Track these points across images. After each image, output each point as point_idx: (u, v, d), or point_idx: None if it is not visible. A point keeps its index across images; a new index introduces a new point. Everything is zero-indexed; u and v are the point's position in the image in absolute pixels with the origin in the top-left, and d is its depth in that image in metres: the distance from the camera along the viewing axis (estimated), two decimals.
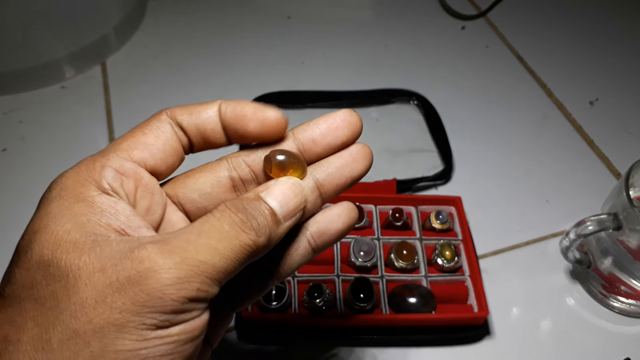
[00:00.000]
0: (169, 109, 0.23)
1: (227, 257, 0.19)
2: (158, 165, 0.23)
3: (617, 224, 0.39)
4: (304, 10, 0.72)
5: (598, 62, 0.66)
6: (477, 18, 0.71)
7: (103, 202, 0.20)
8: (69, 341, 0.17)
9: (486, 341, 0.43)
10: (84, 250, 0.18)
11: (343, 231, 0.25)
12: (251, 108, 0.23)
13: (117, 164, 0.21)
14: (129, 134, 0.22)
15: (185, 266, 0.18)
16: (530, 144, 0.57)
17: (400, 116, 0.59)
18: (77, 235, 0.19)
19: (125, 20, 0.65)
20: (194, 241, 0.19)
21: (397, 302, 0.42)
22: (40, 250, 0.18)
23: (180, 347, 0.19)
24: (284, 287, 0.41)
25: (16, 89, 0.60)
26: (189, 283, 0.18)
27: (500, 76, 0.64)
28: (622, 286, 0.42)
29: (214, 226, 0.20)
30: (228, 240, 0.20)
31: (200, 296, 0.19)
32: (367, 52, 0.66)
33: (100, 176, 0.21)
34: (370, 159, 0.25)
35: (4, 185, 0.52)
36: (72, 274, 0.18)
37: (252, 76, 0.63)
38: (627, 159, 0.45)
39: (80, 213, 0.19)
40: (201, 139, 0.23)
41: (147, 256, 0.18)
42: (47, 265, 0.18)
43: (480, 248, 0.48)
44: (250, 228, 0.20)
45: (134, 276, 0.18)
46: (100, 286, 0.18)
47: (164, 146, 0.22)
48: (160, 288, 0.18)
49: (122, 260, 0.18)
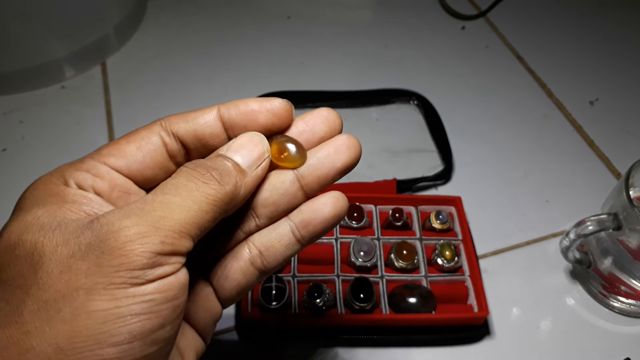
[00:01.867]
0: (164, 119, 0.23)
1: (190, 209, 0.19)
2: (133, 175, 0.22)
3: (617, 224, 0.39)
4: (304, 10, 0.72)
5: (598, 62, 0.66)
6: (477, 18, 0.71)
7: (74, 194, 0.21)
8: (39, 311, 0.17)
9: (486, 341, 0.43)
10: (49, 230, 0.19)
11: (329, 220, 0.24)
12: (255, 102, 0.23)
13: (89, 167, 0.22)
14: (114, 141, 0.23)
15: (144, 222, 0.18)
16: (530, 144, 0.57)
17: (400, 116, 0.59)
18: (45, 219, 0.19)
19: (125, 20, 0.65)
20: (151, 200, 0.19)
21: (397, 302, 0.42)
22: (8, 235, 0.19)
23: (156, 306, 0.18)
24: (284, 287, 0.41)
25: (16, 89, 0.60)
26: (150, 237, 0.18)
27: (500, 76, 0.64)
28: (622, 286, 0.42)
29: (172, 184, 0.20)
30: (187, 192, 0.20)
31: (166, 250, 0.18)
32: (367, 52, 0.66)
33: (69, 176, 0.21)
34: (356, 150, 0.24)
35: (4, 185, 0.52)
36: (37, 251, 0.18)
37: (252, 76, 0.63)
38: (627, 159, 0.45)
39: (51, 202, 0.20)
40: (199, 144, 0.23)
41: (105, 221, 0.18)
42: (14, 248, 0.18)
43: (480, 248, 0.48)
44: (210, 178, 0.21)
45: (94, 241, 0.18)
46: (64, 257, 0.18)
47: (143, 158, 0.22)
48: (120, 246, 0.18)
49: (84, 231, 0.18)
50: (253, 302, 0.42)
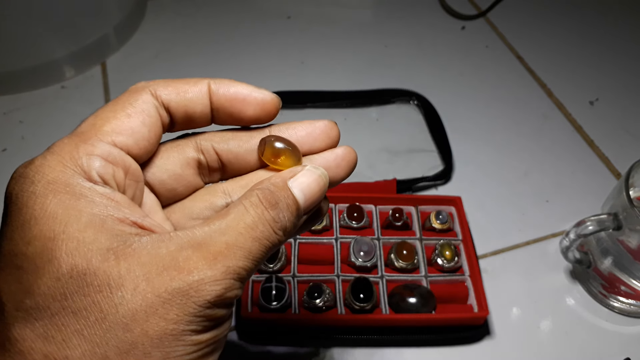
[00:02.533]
0: (151, 85, 0.22)
1: (258, 260, 0.20)
2: (141, 153, 0.21)
3: (617, 224, 0.39)
4: (304, 10, 0.72)
5: (598, 62, 0.66)
6: (477, 18, 0.71)
7: (102, 195, 0.19)
8: (127, 354, 0.17)
9: (486, 341, 0.43)
10: (119, 257, 0.18)
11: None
12: (245, 89, 0.22)
13: (104, 152, 0.20)
14: (110, 112, 0.21)
15: (230, 275, 0.19)
16: (530, 144, 0.57)
17: (400, 116, 0.59)
18: (103, 239, 0.18)
19: (125, 20, 0.65)
20: (233, 245, 0.19)
21: (397, 302, 0.42)
22: (72, 259, 0.17)
23: (217, 346, 0.20)
24: (284, 287, 0.41)
25: (16, 89, 0.60)
26: (231, 291, 0.19)
27: (500, 76, 0.64)
28: (622, 286, 0.42)
29: (249, 226, 0.20)
30: (260, 242, 0.20)
31: (233, 299, 0.19)
32: (367, 52, 0.66)
33: (89, 166, 0.19)
34: (354, 165, 0.24)
35: (4, 186, 0.52)
36: (114, 283, 0.17)
37: (252, 76, 0.63)
38: (627, 159, 0.45)
39: (88, 212, 0.18)
40: (187, 120, 0.22)
41: (194, 267, 0.18)
42: (83, 275, 0.17)
43: (480, 248, 0.48)
44: (280, 228, 0.20)
45: (184, 288, 0.18)
46: (150, 297, 0.17)
47: (149, 133, 0.21)
48: (210, 300, 0.18)
49: (168, 270, 0.18)
50: (253, 302, 0.42)
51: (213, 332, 0.19)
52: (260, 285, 0.41)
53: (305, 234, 0.46)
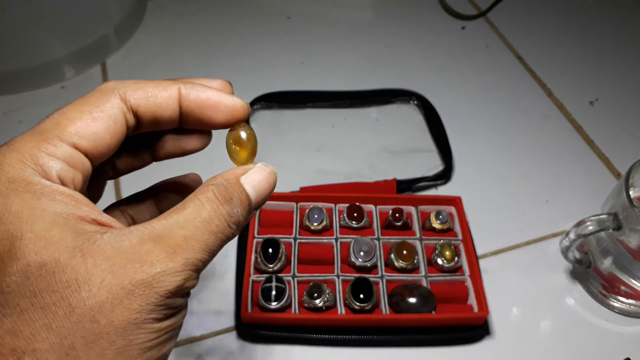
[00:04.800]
0: (121, 87, 0.21)
1: (214, 252, 0.21)
2: (100, 157, 0.21)
3: (617, 224, 0.39)
4: (304, 10, 0.72)
5: (598, 62, 0.66)
6: (477, 18, 0.71)
7: (62, 194, 0.19)
8: (93, 344, 0.18)
9: (486, 341, 0.43)
10: (85, 253, 0.18)
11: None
12: (216, 96, 0.22)
13: (66, 154, 0.20)
14: (76, 112, 0.21)
15: (188, 267, 0.20)
16: (530, 144, 0.57)
17: (400, 116, 0.59)
18: (68, 237, 0.18)
19: (125, 20, 0.65)
20: (191, 238, 0.20)
21: (397, 302, 0.42)
22: (39, 257, 0.18)
23: (175, 333, 0.21)
24: (284, 287, 0.41)
25: (16, 89, 0.60)
26: (189, 281, 0.20)
27: (500, 76, 0.64)
28: (622, 286, 0.42)
29: (205, 220, 0.20)
30: (215, 236, 0.21)
31: (190, 289, 0.20)
32: (367, 52, 0.66)
33: (49, 167, 0.19)
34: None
35: None
36: (82, 277, 0.18)
37: (252, 76, 0.63)
38: (627, 159, 0.45)
39: (51, 211, 0.19)
40: (154, 123, 0.23)
41: (156, 259, 0.19)
42: (52, 272, 0.18)
43: (480, 248, 0.48)
44: (234, 222, 0.21)
45: (147, 279, 0.19)
46: (115, 289, 0.18)
47: (111, 140, 0.21)
48: (171, 290, 0.19)
49: (131, 263, 0.19)
50: (253, 302, 0.42)
51: (172, 319, 0.20)
52: (260, 285, 0.41)
53: (306, 234, 0.46)
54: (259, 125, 0.57)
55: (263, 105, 0.58)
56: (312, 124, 0.58)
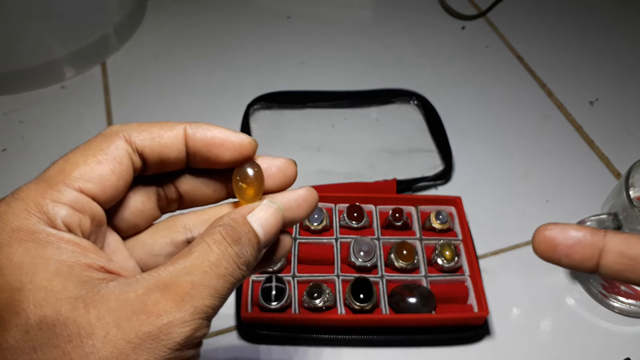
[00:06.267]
0: (125, 130, 0.21)
1: (224, 297, 0.20)
2: (108, 200, 0.21)
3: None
4: (304, 10, 0.72)
5: (598, 62, 0.66)
6: (477, 18, 0.71)
7: (68, 241, 0.19)
8: None
9: (486, 341, 0.43)
10: (88, 304, 0.17)
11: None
12: (222, 133, 0.22)
13: (71, 199, 0.19)
14: (80, 157, 0.20)
15: (198, 315, 0.19)
16: (530, 144, 0.57)
17: (400, 116, 0.59)
18: (71, 287, 0.18)
19: (125, 20, 0.65)
20: (199, 284, 0.19)
21: (397, 302, 0.42)
22: (40, 310, 0.17)
23: None
24: (284, 287, 0.41)
25: (16, 89, 0.60)
26: (199, 330, 0.19)
27: (500, 76, 0.64)
28: (622, 286, 0.42)
29: (214, 264, 0.20)
30: (225, 279, 0.20)
31: (201, 338, 0.19)
32: (367, 52, 0.66)
33: (55, 214, 0.19)
34: (314, 206, 0.24)
35: (4, 186, 0.52)
36: (84, 331, 0.17)
37: (252, 76, 0.63)
38: (627, 159, 0.45)
39: (55, 259, 0.18)
40: (161, 164, 0.22)
41: (163, 310, 0.18)
42: (52, 326, 0.17)
43: (480, 248, 0.48)
44: (244, 263, 0.20)
45: (154, 332, 0.18)
46: (120, 343, 0.17)
47: (118, 181, 0.21)
48: (179, 342, 0.18)
49: (137, 315, 0.18)
50: (253, 302, 0.42)
51: None
52: (260, 285, 0.41)
53: (306, 234, 0.46)
54: (258, 125, 0.57)
55: (263, 105, 0.58)
56: (312, 124, 0.58)
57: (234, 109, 0.57)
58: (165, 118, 0.55)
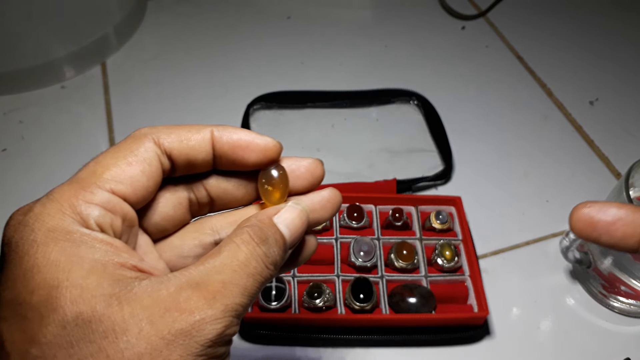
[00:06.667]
0: (154, 132, 0.22)
1: (253, 296, 0.20)
2: (139, 201, 0.21)
3: None
4: (304, 10, 0.72)
5: (598, 62, 0.66)
6: (477, 18, 0.71)
7: (101, 241, 0.19)
8: None
9: (486, 341, 0.43)
10: (122, 302, 0.18)
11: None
12: (248, 136, 0.23)
13: (103, 200, 0.20)
14: (111, 159, 0.21)
15: (229, 313, 0.19)
16: (530, 144, 0.57)
17: (400, 116, 0.59)
18: (105, 284, 0.18)
19: (125, 20, 0.65)
20: (229, 282, 0.19)
21: (397, 302, 0.42)
22: (76, 307, 0.18)
23: None
24: (284, 287, 0.41)
25: (16, 89, 0.60)
26: (230, 328, 0.19)
27: (500, 76, 0.64)
28: (622, 286, 0.42)
29: (243, 263, 0.20)
30: (254, 278, 0.20)
31: (232, 336, 0.20)
32: (367, 52, 0.66)
33: (88, 214, 0.19)
34: (338, 207, 0.24)
35: (4, 185, 0.52)
36: (119, 328, 0.17)
37: (252, 76, 0.63)
38: (627, 159, 0.45)
39: (89, 258, 0.19)
40: (189, 166, 0.23)
41: (195, 307, 0.18)
42: (88, 322, 0.17)
43: (480, 248, 0.48)
44: (271, 263, 0.21)
45: (187, 328, 0.18)
46: (153, 339, 0.18)
47: (148, 182, 0.21)
48: (211, 338, 0.18)
49: (170, 311, 0.18)
50: None
51: None
52: None
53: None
54: (259, 125, 0.57)
55: (263, 105, 0.58)
56: (312, 124, 0.58)
57: (234, 109, 0.57)
58: (166, 118, 0.55)
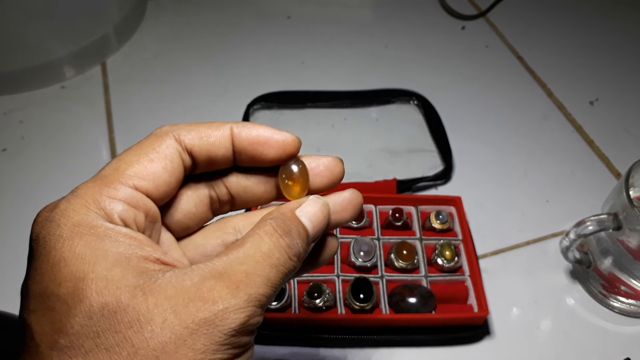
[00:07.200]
0: (174, 130, 0.22)
1: (277, 287, 0.20)
2: (161, 197, 0.22)
3: (617, 224, 0.39)
4: (304, 10, 0.72)
5: (598, 62, 0.66)
6: (477, 18, 0.71)
7: (125, 235, 0.20)
8: None
9: (486, 341, 0.43)
10: (146, 293, 0.18)
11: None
12: (267, 132, 0.23)
13: (126, 195, 0.21)
14: (133, 156, 0.21)
15: (252, 303, 0.19)
16: (530, 143, 0.57)
17: (400, 116, 0.59)
18: (130, 276, 0.19)
19: (125, 20, 0.65)
20: (252, 273, 0.20)
21: (397, 302, 0.42)
22: (102, 298, 0.18)
23: None
24: (284, 287, 0.41)
25: (16, 89, 0.60)
26: (254, 318, 0.19)
27: (500, 76, 0.64)
28: (622, 286, 0.42)
29: (266, 254, 0.20)
30: (277, 269, 0.20)
31: (255, 326, 0.20)
32: (367, 52, 0.66)
33: (112, 209, 0.20)
34: (359, 209, 0.25)
35: (4, 185, 0.52)
36: (144, 318, 0.18)
37: (252, 76, 0.63)
38: (627, 159, 0.45)
39: (113, 251, 0.19)
40: (209, 163, 0.23)
41: (218, 296, 0.19)
42: (114, 312, 0.18)
43: (480, 248, 0.48)
44: (295, 254, 0.21)
45: (210, 318, 0.18)
46: (178, 329, 0.18)
47: (170, 178, 0.22)
48: (235, 327, 0.19)
49: (194, 301, 0.18)
50: None
51: (238, 359, 0.19)
52: None
53: None
54: None
55: (263, 105, 0.58)
56: (312, 124, 0.58)
57: (234, 109, 0.57)
58: (166, 118, 0.55)
